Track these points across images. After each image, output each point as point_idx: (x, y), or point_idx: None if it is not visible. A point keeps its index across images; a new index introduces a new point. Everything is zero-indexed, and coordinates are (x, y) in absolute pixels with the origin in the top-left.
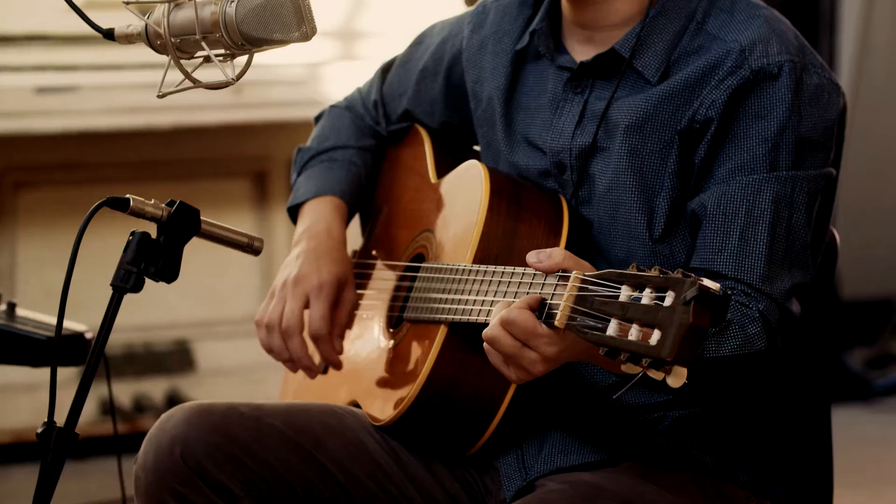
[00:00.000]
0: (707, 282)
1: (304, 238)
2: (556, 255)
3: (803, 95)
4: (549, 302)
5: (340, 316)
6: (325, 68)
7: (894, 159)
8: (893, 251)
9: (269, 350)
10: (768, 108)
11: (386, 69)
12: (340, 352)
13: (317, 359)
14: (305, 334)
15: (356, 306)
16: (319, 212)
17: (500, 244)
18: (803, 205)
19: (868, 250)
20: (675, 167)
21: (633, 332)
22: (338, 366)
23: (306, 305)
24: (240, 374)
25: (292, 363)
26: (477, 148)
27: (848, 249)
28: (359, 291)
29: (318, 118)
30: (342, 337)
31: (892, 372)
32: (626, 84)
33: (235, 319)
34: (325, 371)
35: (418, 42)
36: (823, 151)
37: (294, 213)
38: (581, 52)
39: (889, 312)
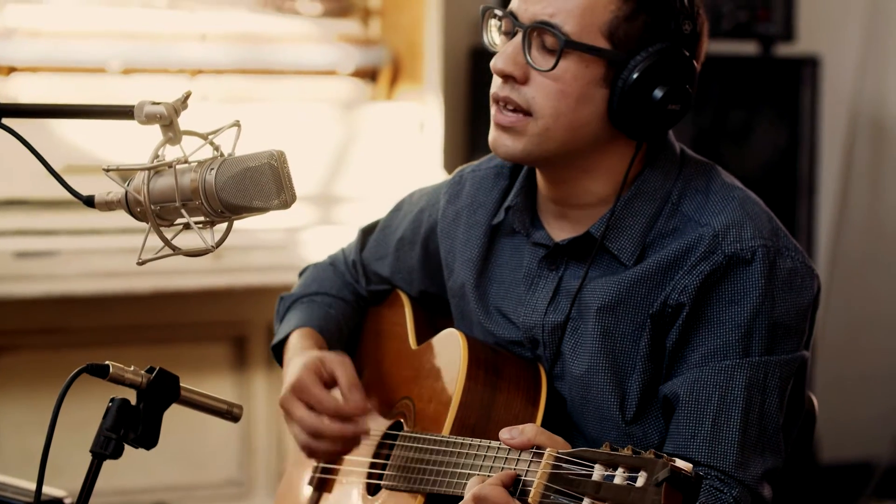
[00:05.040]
0: (680, 463)
1: (288, 366)
2: (529, 431)
3: (776, 280)
4: (522, 479)
5: (342, 383)
6: (304, 233)
7: (871, 325)
8: (871, 415)
9: (327, 458)
10: (741, 294)
11: (367, 231)
12: (365, 409)
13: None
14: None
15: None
16: (301, 342)
17: (477, 414)
18: (776, 389)
19: (846, 414)
20: (647, 350)
21: None
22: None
23: (309, 406)
24: None
25: (346, 445)
26: None
27: (826, 414)
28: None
29: (302, 273)
30: (360, 392)
31: None
32: (601, 265)
33: (215, 483)
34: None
35: (397, 209)
36: (796, 335)
37: (278, 354)
38: (556, 227)
39: (867, 476)
